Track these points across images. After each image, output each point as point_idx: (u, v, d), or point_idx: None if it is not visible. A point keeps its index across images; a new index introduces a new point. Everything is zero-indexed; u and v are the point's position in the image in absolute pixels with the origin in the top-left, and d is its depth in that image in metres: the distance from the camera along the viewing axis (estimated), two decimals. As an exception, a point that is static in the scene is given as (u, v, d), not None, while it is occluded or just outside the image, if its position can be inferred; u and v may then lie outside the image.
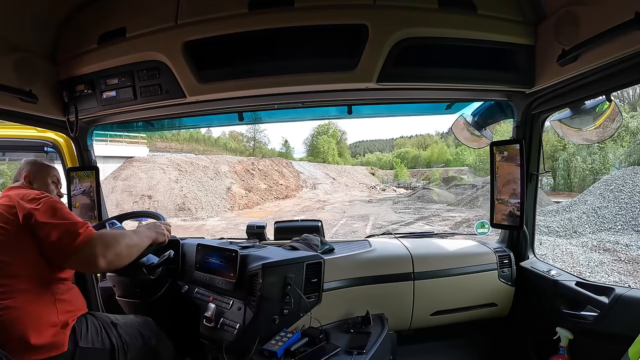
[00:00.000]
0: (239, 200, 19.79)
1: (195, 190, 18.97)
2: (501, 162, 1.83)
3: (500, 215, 1.86)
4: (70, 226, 1.18)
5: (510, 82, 1.55)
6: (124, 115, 1.79)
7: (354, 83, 1.45)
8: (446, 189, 22.30)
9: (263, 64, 1.45)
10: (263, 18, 1.37)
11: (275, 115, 2.08)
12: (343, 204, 20.34)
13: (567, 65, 1.31)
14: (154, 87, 1.53)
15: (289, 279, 1.49)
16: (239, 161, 25.55)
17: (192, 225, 14.45)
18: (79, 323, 1.24)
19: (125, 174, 19.02)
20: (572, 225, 9.58)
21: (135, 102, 1.59)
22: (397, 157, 52.47)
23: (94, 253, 1.17)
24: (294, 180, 27.05)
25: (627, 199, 9.91)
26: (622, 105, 23.72)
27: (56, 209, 1.22)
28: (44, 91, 1.56)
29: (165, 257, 1.61)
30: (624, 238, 8.46)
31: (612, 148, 19.68)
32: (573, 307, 1.63)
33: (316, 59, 1.43)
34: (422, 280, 1.85)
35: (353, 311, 1.71)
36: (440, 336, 2.00)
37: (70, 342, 1.18)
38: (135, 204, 16.57)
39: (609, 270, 6.87)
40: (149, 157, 23.03)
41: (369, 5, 1.35)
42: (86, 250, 1.17)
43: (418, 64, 1.45)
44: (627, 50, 1.11)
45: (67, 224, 1.19)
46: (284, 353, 1.35)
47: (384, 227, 12.46)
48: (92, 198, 1.99)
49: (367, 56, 1.38)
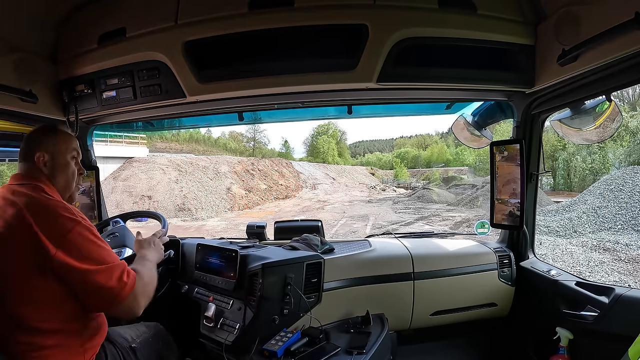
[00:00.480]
0: (239, 201, 19.79)
1: (195, 190, 18.97)
2: (501, 162, 1.83)
3: (500, 215, 1.86)
4: (113, 271, 0.99)
5: (510, 82, 1.55)
6: (124, 115, 1.79)
7: (354, 83, 1.45)
8: (446, 189, 22.30)
9: (263, 64, 1.45)
10: (263, 18, 1.37)
11: (275, 115, 2.08)
12: (343, 204, 20.34)
13: (567, 65, 1.31)
14: (154, 87, 1.53)
15: (289, 279, 1.49)
16: (238, 161, 25.54)
17: (192, 226, 14.44)
18: (99, 356, 1.11)
19: (125, 174, 19.01)
20: (572, 225, 9.58)
21: (135, 102, 1.59)
22: (397, 157, 52.48)
23: (137, 303, 1.04)
24: (293, 181, 27.05)
25: (627, 199, 9.91)
26: (622, 105, 23.73)
27: (90, 244, 0.98)
28: (44, 91, 1.56)
29: (165, 257, 1.61)
30: (624, 237, 8.46)
31: (612, 148, 19.68)
32: (573, 307, 1.63)
33: (316, 59, 1.43)
34: (422, 280, 1.85)
35: (353, 311, 1.71)
36: (440, 336, 2.00)
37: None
38: (135, 204, 16.56)
39: (609, 270, 6.87)
40: (149, 158, 23.01)
41: (369, 5, 1.35)
42: (131, 299, 1.02)
43: (418, 64, 1.45)
44: (627, 50, 1.11)
45: (109, 268, 0.99)
46: (284, 353, 1.35)
47: (383, 227, 12.45)
48: (92, 198, 2.00)
49: (367, 56, 1.38)
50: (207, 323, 1.51)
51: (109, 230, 1.67)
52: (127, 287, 1.00)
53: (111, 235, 1.62)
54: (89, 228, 1.00)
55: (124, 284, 1.00)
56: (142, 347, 1.29)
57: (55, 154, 1.12)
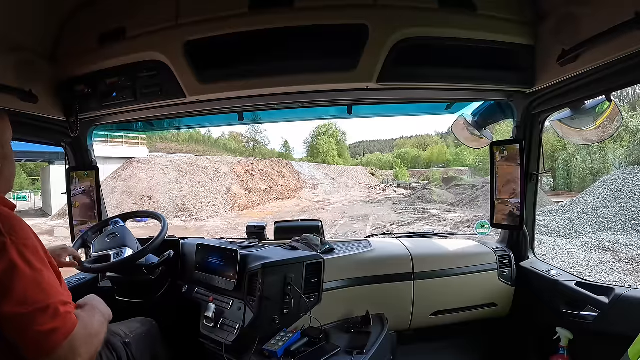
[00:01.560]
0: (238, 201, 19.79)
1: (195, 191, 18.97)
2: (501, 162, 1.83)
3: (500, 215, 1.86)
4: (41, 313, 0.78)
5: (511, 82, 1.55)
6: (124, 115, 1.79)
7: (354, 83, 1.45)
8: (446, 189, 22.31)
9: (263, 64, 1.45)
10: (263, 18, 1.37)
11: (275, 115, 2.08)
12: (343, 204, 20.34)
13: (567, 65, 1.31)
14: (154, 87, 1.53)
15: (289, 279, 1.49)
16: (238, 162, 25.55)
17: (192, 226, 14.44)
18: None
19: (125, 174, 19.01)
20: (572, 225, 9.58)
21: (135, 102, 1.59)
22: (397, 158, 52.50)
23: (74, 353, 0.81)
24: (293, 181, 27.05)
25: (627, 199, 9.91)
26: (622, 105, 23.72)
27: (20, 276, 0.77)
28: (44, 91, 1.56)
29: (165, 257, 1.61)
30: (624, 238, 8.47)
31: (612, 148, 19.67)
32: (573, 307, 1.63)
33: (316, 59, 1.43)
34: (422, 280, 1.85)
35: (353, 311, 1.71)
36: (440, 336, 2.00)
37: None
38: (135, 205, 16.56)
39: (609, 270, 6.87)
40: (149, 158, 23.01)
41: (369, 5, 1.35)
42: (67, 348, 0.80)
43: (418, 63, 1.45)
44: (627, 50, 1.11)
45: (38, 310, 0.77)
46: (284, 353, 1.35)
47: (384, 227, 12.45)
48: (92, 198, 1.99)
49: (367, 56, 1.38)
50: (207, 323, 1.51)
51: (109, 230, 1.67)
52: (59, 333, 0.79)
53: (111, 235, 1.63)
54: (22, 251, 0.79)
55: (55, 329, 0.78)
56: (135, 343, 1.30)
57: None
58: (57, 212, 16.18)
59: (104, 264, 1.55)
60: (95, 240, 1.65)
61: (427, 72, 1.47)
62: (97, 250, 1.59)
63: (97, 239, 1.65)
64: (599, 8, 1.15)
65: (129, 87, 1.57)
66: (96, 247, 1.61)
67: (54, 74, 1.60)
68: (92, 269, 1.57)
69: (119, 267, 1.57)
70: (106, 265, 1.55)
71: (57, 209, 16.54)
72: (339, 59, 1.42)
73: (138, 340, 1.34)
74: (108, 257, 1.56)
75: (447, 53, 1.45)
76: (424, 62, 1.45)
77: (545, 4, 1.38)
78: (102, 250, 1.59)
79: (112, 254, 1.56)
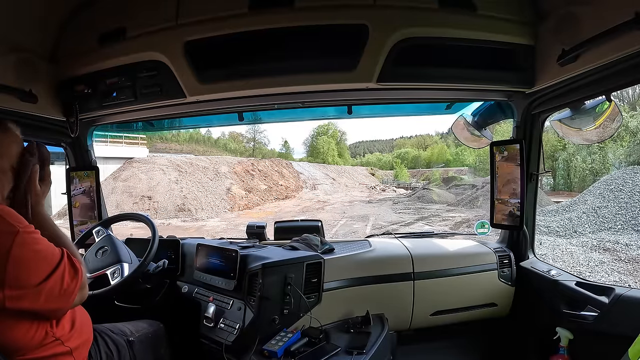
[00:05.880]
0: (238, 201, 19.78)
1: (195, 191, 18.96)
2: (501, 162, 1.83)
3: (500, 215, 1.86)
4: (60, 263, 0.91)
5: (510, 82, 1.55)
6: (124, 115, 1.79)
7: (354, 83, 1.45)
8: (446, 189, 22.29)
9: (263, 64, 1.45)
10: (263, 18, 1.37)
11: (275, 115, 2.08)
12: (343, 204, 20.33)
13: (567, 65, 1.31)
14: (154, 87, 1.53)
15: (289, 279, 1.49)
16: (238, 162, 25.53)
17: (192, 226, 14.44)
18: (94, 350, 1.10)
19: (125, 174, 19.01)
20: (572, 225, 9.58)
21: (135, 102, 1.59)
22: (397, 158, 52.43)
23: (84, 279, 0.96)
24: (293, 181, 27.05)
25: (627, 199, 9.91)
26: (622, 105, 23.71)
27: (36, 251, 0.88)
28: (44, 91, 1.56)
29: (159, 267, 1.61)
30: (624, 237, 8.47)
31: (612, 148, 19.67)
32: (573, 307, 1.63)
33: (316, 59, 1.43)
34: (422, 280, 1.85)
35: (353, 311, 1.71)
36: (440, 336, 2.00)
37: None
38: (135, 205, 16.56)
39: (609, 270, 6.87)
40: (149, 158, 22.99)
41: (369, 6, 1.35)
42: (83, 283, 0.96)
43: (418, 63, 1.45)
44: (627, 50, 1.11)
45: (59, 271, 0.89)
46: (284, 353, 1.35)
47: (384, 227, 12.45)
48: (92, 198, 1.99)
49: (367, 56, 1.38)
50: (207, 323, 1.51)
51: (96, 244, 1.60)
52: (80, 273, 0.94)
53: (100, 250, 1.55)
54: (31, 232, 0.89)
55: (77, 270, 0.93)
56: (139, 342, 1.30)
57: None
58: (57, 212, 16.16)
59: (106, 289, 1.47)
60: (84, 257, 1.55)
61: (427, 72, 1.47)
62: (92, 271, 1.50)
63: (87, 256, 1.56)
64: (599, 8, 1.15)
65: (129, 87, 1.57)
66: (89, 266, 1.51)
67: (54, 74, 1.60)
68: (96, 296, 1.43)
69: (121, 289, 1.50)
70: (109, 290, 1.47)
71: (57, 209, 16.51)
72: (339, 59, 1.42)
73: (142, 340, 1.33)
74: (106, 277, 1.49)
75: (447, 53, 1.45)
76: (424, 62, 1.45)
77: (545, 4, 1.38)
78: (97, 270, 1.50)
79: (109, 273, 1.49)
